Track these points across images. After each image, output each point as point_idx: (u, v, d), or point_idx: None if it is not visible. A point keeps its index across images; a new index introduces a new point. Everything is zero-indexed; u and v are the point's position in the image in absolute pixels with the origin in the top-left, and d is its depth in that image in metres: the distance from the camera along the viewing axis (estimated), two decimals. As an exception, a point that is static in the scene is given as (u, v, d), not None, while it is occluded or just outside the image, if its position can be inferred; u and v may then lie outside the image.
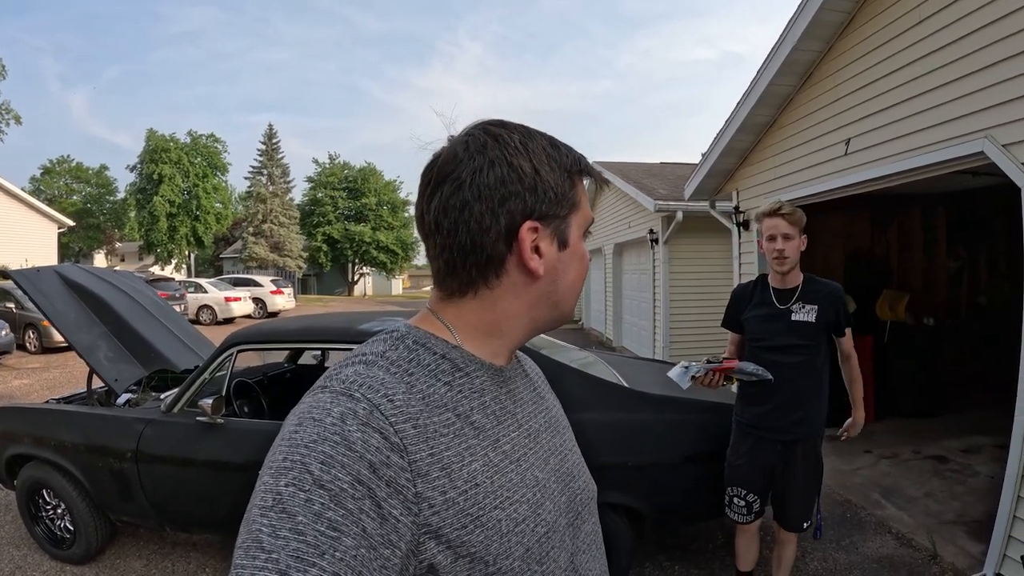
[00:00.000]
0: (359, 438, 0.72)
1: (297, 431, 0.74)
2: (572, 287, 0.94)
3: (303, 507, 0.66)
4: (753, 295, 3.35)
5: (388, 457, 0.72)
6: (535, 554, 0.83)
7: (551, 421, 1.04)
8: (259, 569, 0.62)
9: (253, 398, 4.44)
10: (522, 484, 0.86)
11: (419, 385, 0.82)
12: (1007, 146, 3.72)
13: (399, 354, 0.86)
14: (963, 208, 8.41)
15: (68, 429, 4.11)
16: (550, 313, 0.94)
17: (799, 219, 3.12)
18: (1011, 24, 3.65)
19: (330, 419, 0.73)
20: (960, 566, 3.98)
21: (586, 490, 1.03)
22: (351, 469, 0.69)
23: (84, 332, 4.49)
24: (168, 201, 41.76)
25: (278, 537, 0.64)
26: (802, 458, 3.13)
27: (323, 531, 0.65)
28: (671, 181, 13.01)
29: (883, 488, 5.38)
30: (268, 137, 47.78)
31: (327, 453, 0.70)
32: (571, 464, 1.02)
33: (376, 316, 4.12)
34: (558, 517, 0.91)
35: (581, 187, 0.93)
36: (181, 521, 4.00)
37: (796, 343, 3.10)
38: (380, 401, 0.76)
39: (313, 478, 0.68)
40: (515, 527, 0.81)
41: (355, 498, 0.68)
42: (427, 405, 0.80)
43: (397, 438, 0.74)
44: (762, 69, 6.13)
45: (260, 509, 0.67)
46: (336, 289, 50.86)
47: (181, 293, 20.27)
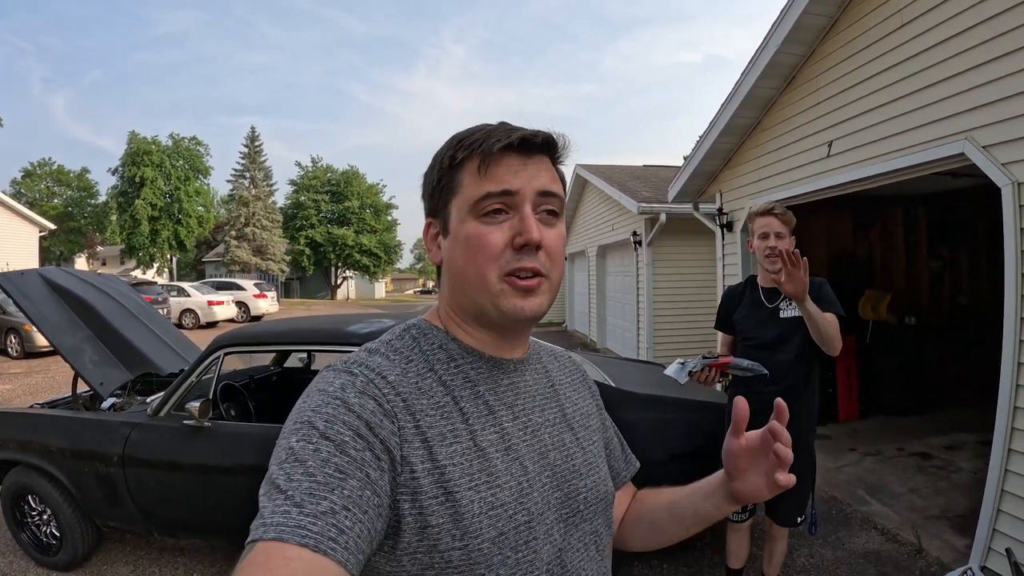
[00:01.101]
0: (357, 402, 0.83)
1: (305, 400, 0.85)
2: (463, 271, 0.94)
3: (312, 455, 0.76)
4: (743, 295, 3.39)
5: (382, 420, 0.83)
6: (510, 540, 0.87)
7: (565, 416, 1.07)
8: (279, 506, 0.71)
9: (240, 401, 4.40)
10: (506, 472, 0.90)
11: (414, 370, 0.92)
12: (987, 147, 3.78)
13: (403, 343, 0.97)
14: (944, 209, 8.51)
15: (53, 434, 4.05)
16: (467, 299, 0.96)
17: (790, 220, 3.15)
18: (992, 28, 3.72)
19: (332, 388, 0.85)
20: (945, 560, 4.03)
21: (593, 490, 1.04)
22: (351, 425, 0.80)
23: (69, 335, 4.45)
24: (150, 204, 41.25)
25: (292, 480, 0.73)
26: (794, 453, 3.15)
27: (331, 473, 0.75)
28: (654, 183, 13.07)
29: (868, 485, 5.44)
30: (251, 140, 47.37)
31: (330, 413, 0.81)
32: (579, 462, 1.03)
33: (363, 318, 4.11)
34: (546, 510, 0.94)
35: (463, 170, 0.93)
36: (168, 526, 3.94)
37: (786, 339, 3.13)
38: (374, 377, 0.88)
39: (319, 432, 0.78)
40: (489, 510, 0.86)
41: (357, 449, 0.78)
42: (418, 388, 0.90)
43: (389, 406, 0.85)
44: (746, 72, 6.17)
45: (276, 463, 0.77)
46: (319, 292, 50.62)
47: (164, 297, 20.11)
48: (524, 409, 0.99)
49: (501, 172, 0.91)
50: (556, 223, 0.96)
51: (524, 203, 0.91)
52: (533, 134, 0.92)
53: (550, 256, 0.93)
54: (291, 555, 0.66)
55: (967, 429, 6.73)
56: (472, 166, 0.92)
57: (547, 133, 0.94)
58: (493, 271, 0.91)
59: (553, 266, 0.94)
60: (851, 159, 5.15)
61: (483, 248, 0.91)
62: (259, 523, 0.70)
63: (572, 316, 20.00)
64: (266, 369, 5.26)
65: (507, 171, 0.91)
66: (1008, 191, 3.63)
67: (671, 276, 11.61)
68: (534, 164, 0.93)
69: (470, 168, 0.92)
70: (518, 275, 0.91)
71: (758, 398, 3.16)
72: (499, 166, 0.91)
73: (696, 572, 4.06)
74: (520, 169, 0.92)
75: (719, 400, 3.70)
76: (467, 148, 0.92)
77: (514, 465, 0.92)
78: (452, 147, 0.94)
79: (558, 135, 0.96)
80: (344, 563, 0.69)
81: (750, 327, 3.28)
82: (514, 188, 0.91)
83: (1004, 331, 3.66)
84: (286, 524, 0.68)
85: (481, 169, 0.91)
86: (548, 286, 0.94)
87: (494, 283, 0.91)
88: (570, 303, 20.43)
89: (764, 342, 3.19)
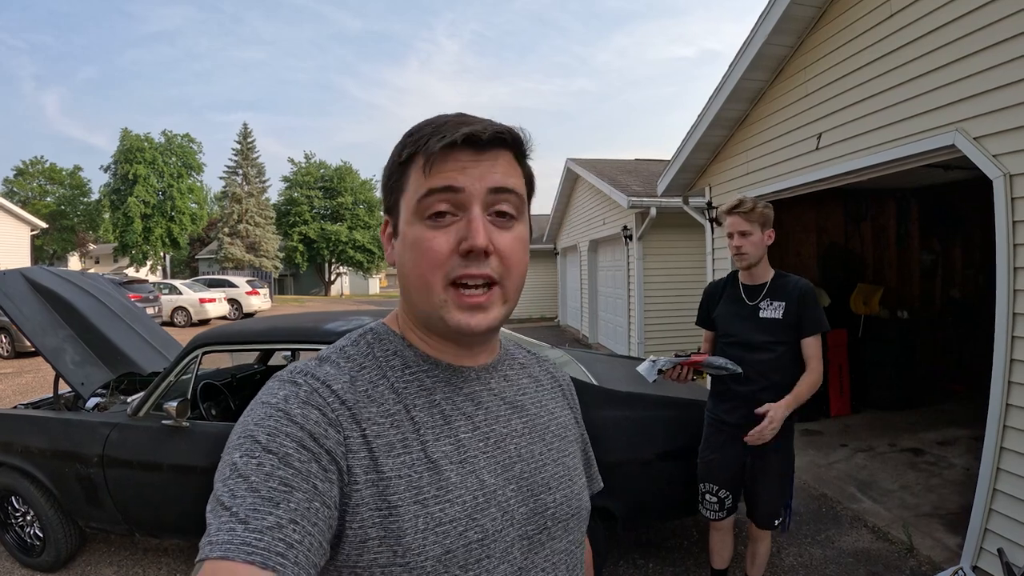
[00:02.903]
0: (299, 413, 0.79)
1: (249, 414, 0.81)
2: (408, 277, 0.87)
3: (255, 470, 0.73)
4: (724, 292, 3.33)
5: (327, 430, 0.79)
6: (458, 558, 0.82)
7: (533, 427, 0.99)
8: (224, 523, 0.68)
9: (221, 400, 4.37)
10: (460, 485, 0.85)
11: (364, 377, 0.88)
12: (978, 139, 3.73)
13: (358, 350, 0.93)
14: (936, 202, 8.49)
15: (35, 434, 4.04)
16: (417, 308, 0.90)
17: (759, 215, 3.06)
18: (982, 17, 3.67)
19: (275, 399, 0.81)
20: (937, 559, 3.99)
21: (564, 505, 0.97)
22: (295, 437, 0.76)
23: (50, 335, 4.40)
24: (143, 202, 41.22)
25: (236, 496, 0.70)
26: (773, 453, 3.10)
27: (275, 487, 0.72)
28: (645, 178, 13.03)
29: (859, 481, 5.40)
30: (243, 136, 47.26)
31: (272, 426, 0.77)
32: (548, 475, 0.97)
33: (342, 316, 4.09)
34: (506, 527, 0.88)
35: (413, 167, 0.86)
36: (150, 527, 3.92)
37: (765, 340, 3.06)
38: (319, 387, 0.83)
39: (262, 446, 0.75)
40: (436, 526, 0.81)
41: (301, 460, 0.75)
42: (367, 396, 0.85)
43: (333, 415, 0.81)
44: (734, 64, 6.12)
45: (220, 480, 0.74)
46: (313, 289, 50.64)
47: (155, 295, 19.99)
48: (485, 420, 0.93)
49: (448, 168, 0.83)
50: (513, 224, 0.87)
51: (472, 203, 0.83)
52: (482, 130, 0.83)
53: (504, 261, 0.85)
54: (240, 573, 0.64)
55: (959, 424, 6.72)
56: (418, 163, 0.84)
57: (500, 128, 0.85)
58: (437, 279, 0.84)
59: (508, 271, 0.86)
60: (841, 151, 5.10)
61: (426, 254, 0.84)
62: (206, 541, 0.68)
63: (565, 311, 19.98)
64: (249, 368, 5.23)
65: (454, 167, 0.83)
66: (1000, 183, 3.58)
67: (662, 270, 11.56)
68: (488, 160, 0.85)
69: (417, 165, 0.85)
70: (465, 285, 0.84)
71: (736, 395, 3.12)
72: (446, 162, 0.83)
73: (682, 572, 4.01)
74: (470, 165, 0.83)
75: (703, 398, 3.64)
76: (414, 144, 0.85)
77: (469, 478, 0.86)
78: (404, 142, 0.87)
79: (517, 129, 0.88)
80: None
81: (728, 324, 3.23)
82: (459, 185, 0.83)
83: (996, 327, 3.62)
84: (231, 542, 0.66)
85: (426, 167, 0.83)
86: (501, 295, 0.87)
87: (438, 293, 0.85)
88: (562, 298, 20.44)
89: (742, 341, 3.13)
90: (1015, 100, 3.48)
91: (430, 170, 0.83)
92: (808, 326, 3.03)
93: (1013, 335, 3.55)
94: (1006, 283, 3.58)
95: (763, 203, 3.11)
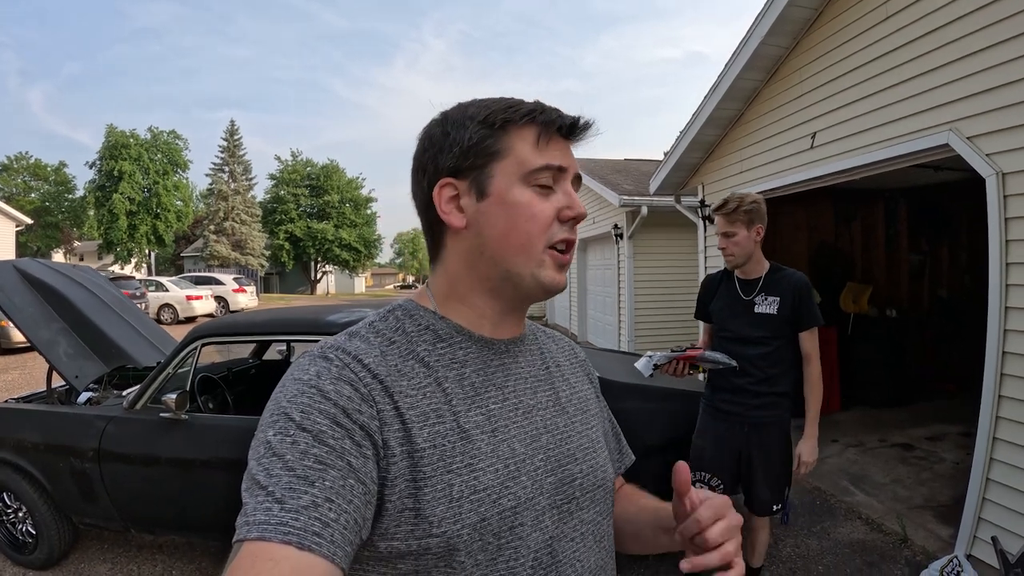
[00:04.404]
0: (332, 389, 0.80)
1: (281, 390, 0.83)
2: (504, 238, 0.91)
3: (290, 448, 0.74)
4: (720, 285, 3.35)
5: (359, 406, 0.80)
6: (492, 526, 0.84)
7: (558, 400, 1.03)
8: (260, 503, 0.69)
9: (218, 393, 4.35)
10: (492, 455, 0.87)
11: (395, 351, 0.90)
12: (971, 138, 3.79)
13: (387, 324, 0.95)
14: (926, 202, 8.56)
15: (27, 428, 3.98)
16: (494, 269, 0.94)
17: (744, 213, 3.07)
18: (977, 19, 3.73)
19: (307, 376, 0.82)
20: (931, 549, 4.05)
21: (590, 476, 1.00)
22: (328, 414, 0.78)
23: (43, 328, 4.35)
24: (128, 199, 40.81)
25: (271, 475, 0.72)
26: (770, 441, 3.14)
27: (311, 465, 0.73)
28: (636, 177, 13.08)
29: (851, 475, 5.46)
30: (230, 134, 47.07)
31: (305, 403, 0.78)
32: (574, 446, 1.00)
33: (344, 308, 4.07)
34: (537, 495, 0.90)
35: (513, 136, 0.92)
36: (146, 522, 3.87)
37: (760, 335, 3.09)
38: (350, 361, 0.85)
39: (296, 423, 0.76)
40: (471, 494, 0.83)
41: (335, 437, 0.76)
42: (397, 370, 0.87)
43: (366, 390, 0.82)
44: (729, 63, 6.17)
45: (255, 459, 0.75)
46: (299, 287, 50.42)
47: (142, 292, 19.79)
48: (515, 391, 0.96)
49: (554, 148, 0.93)
50: None
51: (568, 180, 0.95)
52: (580, 120, 0.95)
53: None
54: (276, 555, 0.65)
55: (948, 420, 6.80)
56: (527, 134, 0.92)
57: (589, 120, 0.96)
58: (541, 240, 0.91)
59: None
60: (835, 151, 5.16)
61: (534, 217, 0.91)
62: (243, 521, 0.69)
63: (553, 309, 19.98)
64: (245, 361, 5.21)
65: (558, 148, 0.93)
66: (992, 181, 3.64)
67: (653, 269, 11.61)
68: (571, 148, 0.97)
69: (525, 136, 0.92)
70: (559, 248, 0.93)
71: (732, 387, 3.16)
72: (551, 141, 0.93)
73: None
74: (566, 149, 0.95)
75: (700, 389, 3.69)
76: (525, 115, 0.91)
77: (501, 447, 0.89)
78: (503, 110, 0.92)
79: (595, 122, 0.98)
80: (331, 557, 0.68)
81: (725, 319, 3.26)
82: (566, 166, 0.94)
83: (988, 320, 3.68)
84: (268, 522, 0.67)
85: (541, 140, 0.92)
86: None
87: (538, 252, 0.92)
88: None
89: (738, 335, 3.16)
90: (1009, 100, 3.55)
91: (546, 144, 0.92)
92: (804, 320, 3.07)
93: (1005, 328, 3.61)
94: (998, 278, 3.64)
95: (750, 200, 3.09)
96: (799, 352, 3.15)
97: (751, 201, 3.08)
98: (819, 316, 3.11)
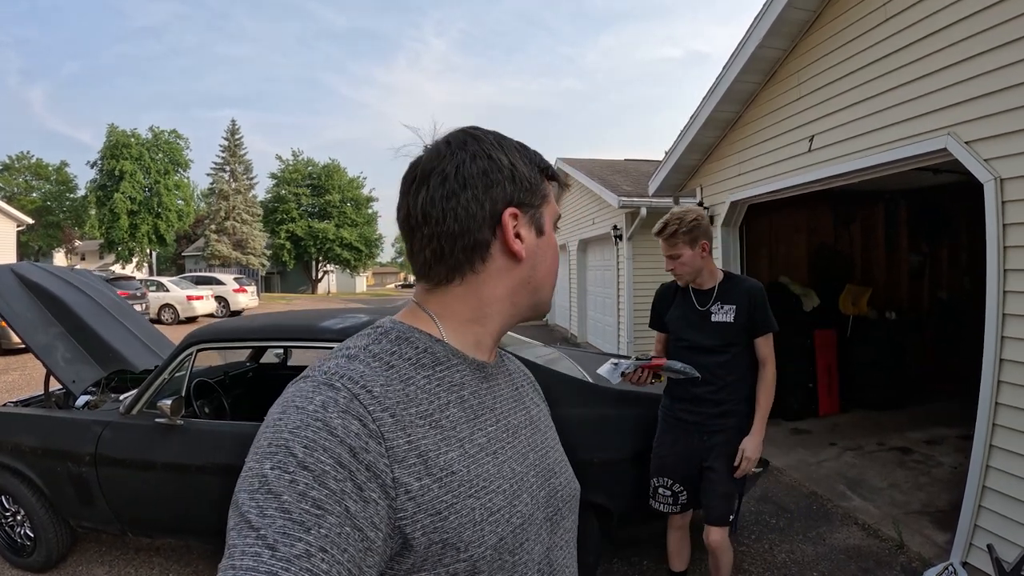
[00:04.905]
0: (339, 424, 0.75)
1: (281, 418, 0.77)
2: (549, 273, 1.00)
3: (288, 487, 0.69)
4: (675, 296, 3.35)
5: (367, 443, 0.76)
6: (508, 544, 0.86)
7: (531, 419, 1.07)
8: (249, 546, 0.65)
9: (214, 398, 4.34)
10: (498, 475, 0.89)
11: (398, 377, 0.86)
12: (970, 143, 3.78)
13: (382, 348, 0.90)
14: (925, 204, 8.56)
15: (25, 433, 3.98)
16: (530, 299, 0.99)
17: (684, 234, 3.08)
18: (977, 23, 3.71)
19: (312, 406, 0.77)
20: (927, 555, 4.04)
21: (567, 487, 1.06)
22: (332, 453, 0.73)
23: (41, 332, 4.35)
24: (129, 198, 40.91)
25: (265, 516, 0.67)
26: (725, 450, 3.12)
27: (308, 509, 0.68)
28: (635, 178, 13.05)
29: (848, 479, 5.45)
30: (231, 133, 47.03)
31: (309, 438, 0.73)
32: (552, 461, 1.05)
33: (339, 313, 4.06)
34: (535, 510, 0.94)
35: (549, 185, 1.01)
36: (143, 526, 3.88)
37: (717, 343, 3.10)
38: (359, 391, 0.80)
39: (297, 460, 0.71)
40: (489, 516, 0.84)
41: (337, 479, 0.71)
42: (406, 396, 0.84)
43: (375, 425, 0.77)
44: (727, 66, 6.15)
45: (248, 492, 0.70)
46: (300, 287, 50.45)
47: (142, 292, 19.80)
48: (504, 412, 0.99)
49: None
50: None
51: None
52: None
53: None
54: None
55: (947, 423, 6.79)
56: (554, 186, 1.03)
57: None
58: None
59: None
60: (833, 154, 5.14)
61: (557, 257, 1.03)
62: (228, 564, 0.65)
63: (553, 311, 19.93)
64: (242, 365, 5.20)
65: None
66: (991, 187, 3.63)
67: (651, 271, 11.52)
68: None
69: (551, 187, 1.02)
70: None
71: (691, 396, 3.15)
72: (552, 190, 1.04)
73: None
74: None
75: None
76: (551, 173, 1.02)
77: (504, 467, 0.91)
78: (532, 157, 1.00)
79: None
80: None
81: (681, 328, 3.26)
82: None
83: (986, 327, 3.67)
84: (256, 569, 0.63)
85: (557, 195, 1.03)
86: None
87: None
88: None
89: (695, 344, 3.16)
90: (1008, 105, 3.52)
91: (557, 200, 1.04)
92: (760, 327, 3.09)
93: (1002, 335, 3.60)
94: (996, 285, 3.63)
95: (690, 219, 3.07)
96: (755, 358, 3.16)
97: (691, 220, 3.08)
98: (774, 322, 3.12)
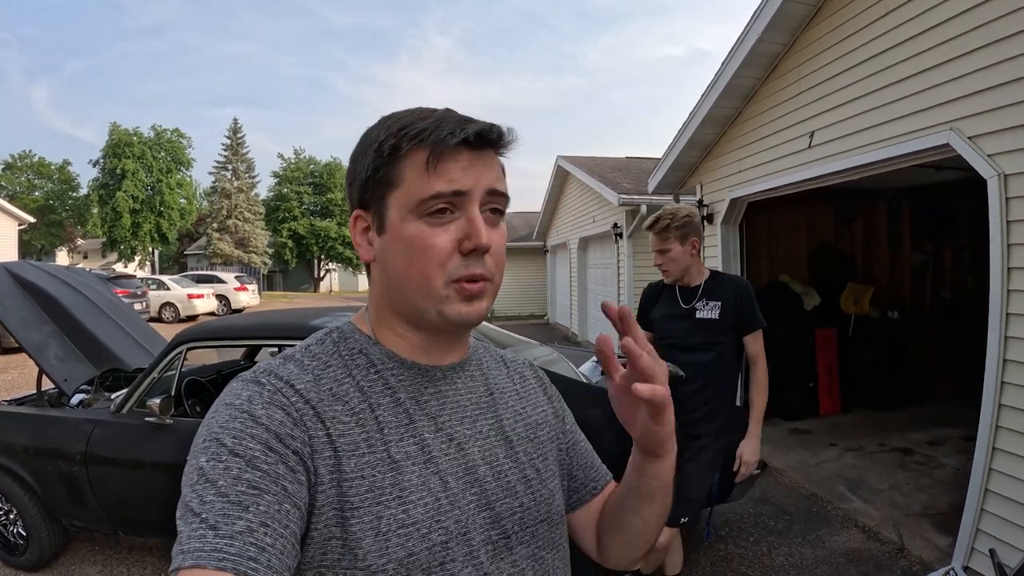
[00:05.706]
0: (264, 414, 0.78)
1: (213, 416, 0.80)
2: (404, 275, 0.86)
3: (223, 474, 0.72)
4: (661, 294, 3.35)
5: (292, 431, 0.78)
6: (421, 561, 0.80)
7: (501, 428, 0.98)
8: (194, 530, 0.67)
9: (206, 397, 4.32)
10: (423, 487, 0.84)
11: (329, 375, 0.87)
12: (973, 138, 3.71)
13: (323, 348, 0.91)
14: (927, 203, 8.49)
15: (16, 431, 4.00)
16: (405, 305, 0.89)
17: (676, 229, 3.07)
18: (978, 16, 3.64)
19: (239, 401, 0.80)
20: (928, 559, 3.98)
21: (531, 511, 0.95)
22: (260, 439, 0.75)
23: (33, 331, 4.34)
24: (131, 197, 41.08)
25: (205, 502, 0.70)
26: (700, 452, 3.08)
27: (243, 490, 0.71)
28: (636, 175, 13.00)
29: (849, 481, 5.39)
30: (233, 132, 47.09)
31: (237, 428, 0.76)
32: (513, 479, 0.94)
33: (328, 311, 4.07)
34: (470, 530, 0.86)
35: (403, 162, 0.84)
36: (134, 525, 3.89)
37: (702, 341, 3.08)
38: (282, 386, 0.82)
39: (228, 449, 0.74)
40: (399, 528, 0.80)
41: (268, 463, 0.74)
42: (332, 394, 0.84)
43: (297, 415, 0.80)
44: (726, 61, 6.10)
45: (189, 486, 0.73)
46: (302, 285, 50.49)
47: (142, 290, 19.85)
48: (450, 420, 0.92)
49: (451, 169, 0.82)
50: (500, 222, 0.90)
51: (473, 203, 0.84)
52: (488, 127, 0.83)
53: (495, 259, 0.87)
54: None
55: (949, 424, 6.73)
56: (418, 158, 0.83)
57: (501, 126, 0.85)
58: (439, 277, 0.84)
59: (497, 270, 0.88)
60: (834, 150, 5.08)
61: (428, 252, 0.83)
62: (178, 549, 0.67)
63: (554, 309, 19.97)
64: (236, 363, 5.18)
65: (456, 167, 0.83)
66: (994, 183, 3.56)
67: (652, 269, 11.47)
68: (483, 160, 0.85)
69: (415, 160, 0.83)
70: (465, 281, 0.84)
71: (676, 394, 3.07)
72: (449, 161, 0.82)
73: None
74: (469, 166, 0.83)
75: None
76: (414, 138, 0.82)
77: (432, 479, 0.85)
78: (394, 134, 0.84)
79: (508, 128, 0.87)
80: None
81: (666, 327, 3.24)
82: (465, 188, 0.83)
83: (989, 327, 3.61)
84: (203, 549, 0.66)
85: (430, 164, 0.82)
86: (491, 290, 0.88)
87: (439, 289, 0.84)
88: (552, 296, 20.41)
89: (680, 342, 3.14)
90: (1011, 99, 3.46)
91: (435, 168, 0.82)
92: (747, 324, 3.09)
93: (1006, 335, 3.54)
94: (999, 283, 3.56)
95: (682, 215, 3.09)
96: (743, 357, 3.15)
97: (683, 216, 3.09)
98: (762, 319, 3.12)
